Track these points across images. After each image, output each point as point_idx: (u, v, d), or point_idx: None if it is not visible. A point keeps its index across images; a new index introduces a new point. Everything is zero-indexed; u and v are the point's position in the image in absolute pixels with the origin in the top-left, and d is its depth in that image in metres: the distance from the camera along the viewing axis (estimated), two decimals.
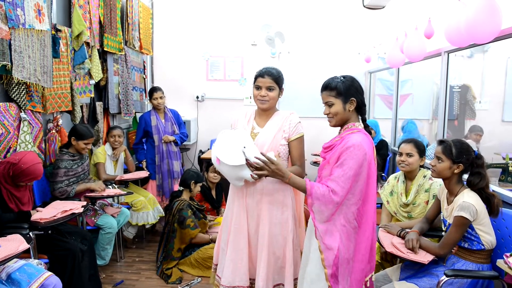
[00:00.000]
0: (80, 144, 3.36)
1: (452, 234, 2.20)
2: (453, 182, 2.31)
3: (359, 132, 1.98)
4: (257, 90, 2.34)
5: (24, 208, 2.65)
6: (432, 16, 3.39)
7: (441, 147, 2.31)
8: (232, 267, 2.35)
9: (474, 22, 2.31)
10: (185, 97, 6.17)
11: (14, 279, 2.16)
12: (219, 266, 2.49)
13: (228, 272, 2.35)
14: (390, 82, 5.92)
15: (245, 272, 2.35)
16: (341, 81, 2.00)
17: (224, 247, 2.43)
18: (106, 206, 3.68)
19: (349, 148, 1.90)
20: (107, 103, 4.44)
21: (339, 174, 1.90)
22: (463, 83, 5.67)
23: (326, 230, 1.94)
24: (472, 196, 2.20)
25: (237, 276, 2.34)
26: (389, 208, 2.91)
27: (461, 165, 2.26)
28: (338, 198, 1.90)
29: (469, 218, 2.14)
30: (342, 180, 1.89)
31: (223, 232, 2.48)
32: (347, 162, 1.89)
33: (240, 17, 6.01)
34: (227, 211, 2.47)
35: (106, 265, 3.58)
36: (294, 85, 6.09)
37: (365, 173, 1.93)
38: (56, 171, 3.25)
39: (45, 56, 3.13)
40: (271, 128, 2.35)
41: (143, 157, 4.61)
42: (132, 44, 5.01)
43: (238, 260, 2.35)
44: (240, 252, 2.35)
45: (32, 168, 2.55)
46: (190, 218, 3.55)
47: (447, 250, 2.25)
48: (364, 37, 5.86)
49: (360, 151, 1.89)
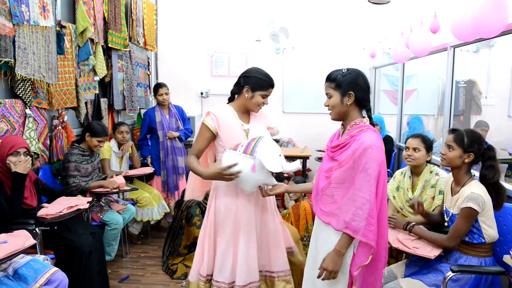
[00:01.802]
0: (93, 141, 3.37)
1: (460, 226, 2.17)
2: (462, 172, 2.27)
3: (369, 130, 1.90)
4: (263, 99, 2.36)
5: (28, 202, 2.66)
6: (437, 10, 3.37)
7: (453, 136, 2.28)
8: (247, 267, 2.33)
9: (481, 16, 2.29)
10: (189, 93, 6.17)
11: (20, 275, 2.17)
12: (221, 269, 2.36)
13: (242, 272, 2.32)
14: (395, 78, 5.89)
15: (257, 267, 2.38)
16: (342, 74, 1.93)
17: (227, 248, 2.36)
18: (112, 203, 3.69)
19: (367, 150, 1.81)
20: (112, 99, 4.44)
21: (365, 179, 1.81)
22: (468, 78, 5.63)
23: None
24: (480, 187, 2.18)
25: (251, 272, 2.35)
26: (395, 204, 2.89)
27: (471, 154, 2.22)
28: (369, 204, 1.81)
29: (477, 209, 2.11)
30: (369, 184, 1.80)
31: (226, 232, 2.37)
32: (370, 165, 1.80)
33: (244, 12, 6.00)
34: (225, 209, 2.37)
35: (112, 261, 3.60)
36: (298, 81, 6.09)
37: (383, 172, 1.86)
38: (67, 165, 3.25)
39: (50, 52, 3.13)
40: (259, 125, 2.43)
41: (147, 153, 4.62)
42: (136, 41, 5.01)
43: (253, 258, 2.36)
44: (251, 251, 2.35)
45: (8, 139, 2.62)
46: (197, 217, 3.55)
47: (456, 242, 2.22)
48: (369, 32, 5.84)
49: (378, 151, 1.82)
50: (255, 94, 2.34)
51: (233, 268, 2.35)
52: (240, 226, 2.34)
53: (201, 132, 2.36)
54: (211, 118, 2.33)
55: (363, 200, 1.80)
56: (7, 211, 2.44)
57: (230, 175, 2.15)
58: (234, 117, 2.38)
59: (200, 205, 3.64)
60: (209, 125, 2.33)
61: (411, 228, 2.45)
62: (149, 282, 3.38)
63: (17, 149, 2.58)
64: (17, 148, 2.58)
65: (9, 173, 2.56)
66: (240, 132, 2.36)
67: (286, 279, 2.46)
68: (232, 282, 2.34)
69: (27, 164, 2.61)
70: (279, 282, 2.45)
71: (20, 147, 2.60)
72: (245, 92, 2.35)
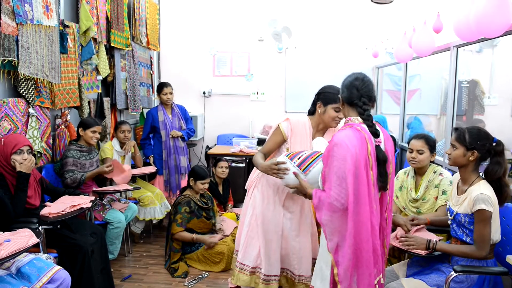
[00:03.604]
0: (87, 133, 3.39)
1: (482, 230, 2.10)
2: (468, 171, 2.23)
3: (350, 128, 1.88)
4: (336, 112, 2.41)
5: (31, 201, 2.67)
6: (441, 10, 3.36)
7: (455, 135, 2.25)
8: (273, 258, 2.63)
9: (484, 16, 2.28)
10: (192, 93, 6.17)
11: (24, 273, 2.17)
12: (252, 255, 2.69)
13: (267, 262, 2.63)
14: (398, 77, 5.87)
15: (279, 261, 2.68)
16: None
17: (260, 239, 2.66)
18: (114, 202, 3.70)
19: (333, 148, 1.83)
20: (115, 98, 4.45)
21: (332, 176, 1.82)
22: (471, 78, 5.61)
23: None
24: (488, 188, 2.14)
25: (274, 266, 2.66)
26: (398, 203, 2.89)
27: (475, 152, 2.17)
28: (337, 202, 1.80)
29: (490, 209, 2.07)
30: (333, 181, 1.80)
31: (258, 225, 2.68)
32: (334, 163, 1.81)
33: (246, 12, 6.00)
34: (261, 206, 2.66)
35: (114, 260, 3.61)
36: (301, 81, 6.08)
37: (355, 171, 1.80)
38: (65, 161, 3.27)
39: (53, 52, 3.14)
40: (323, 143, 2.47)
41: (150, 153, 4.62)
42: (139, 40, 5.01)
43: (273, 252, 2.64)
44: (274, 243, 2.64)
45: (10, 137, 2.63)
46: (180, 215, 3.58)
47: (486, 249, 2.12)
48: (371, 31, 5.82)
49: (343, 148, 1.79)
50: (327, 108, 2.43)
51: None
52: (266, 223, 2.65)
53: (274, 133, 2.51)
54: (287, 124, 2.48)
55: (331, 195, 1.82)
56: (11, 209, 2.45)
57: (278, 170, 2.24)
58: (307, 129, 2.50)
59: (190, 204, 3.64)
60: (283, 130, 2.48)
61: (434, 246, 2.28)
62: (152, 281, 3.38)
63: (20, 147, 2.59)
64: (21, 146, 2.59)
65: (13, 171, 2.57)
66: (308, 144, 2.47)
67: (306, 283, 2.66)
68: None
69: (31, 163, 2.62)
70: (299, 284, 2.68)
71: (23, 145, 2.61)
72: (318, 108, 2.47)
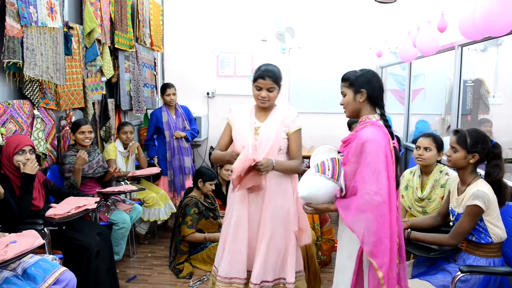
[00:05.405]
0: (77, 136, 3.34)
1: (465, 223, 2.15)
2: (467, 172, 2.26)
3: (372, 125, 1.93)
4: (258, 91, 2.38)
5: (35, 203, 2.68)
6: (445, 9, 3.34)
7: (456, 137, 2.26)
8: (230, 258, 2.39)
9: (489, 14, 2.26)
10: (195, 94, 6.18)
11: (29, 274, 2.18)
12: (216, 258, 2.53)
13: (225, 264, 2.39)
14: (402, 77, 5.86)
15: (243, 263, 2.38)
16: (356, 73, 2.02)
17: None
18: (118, 203, 3.70)
19: (364, 145, 1.85)
20: (119, 100, 4.46)
21: (370, 172, 1.82)
22: (476, 77, 5.59)
23: None
24: (485, 185, 2.16)
25: (234, 267, 2.38)
26: (403, 203, 2.88)
27: (476, 155, 2.20)
28: (379, 196, 1.80)
29: (482, 207, 2.09)
30: (374, 177, 1.81)
31: (225, 227, 2.52)
32: (371, 159, 1.82)
33: (250, 12, 5.99)
34: (228, 207, 2.50)
35: (119, 261, 3.61)
36: (305, 81, 6.07)
37: (385, 168, 1.84)
38: (62, 167, 3.27)
39: (58, 53, 3.15)
40: (273, 123, 2.40)
41: (154, 154, 4.63)
42: (143, 41, 5.02)
43: (236, 252, 2.38)
44: (239, 244, 2.38)
45: (12, 138, 2.64)
46: (190, 216, 3.57)
47: (458, 240, 2.20)
48: (375, 31, 5.80)
49: (376, 145, 1.84)
50: (252, 87, 2.42)
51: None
52: (231, 223, 2.41)
53: (225, 127, 2.51)
54: (230, 113, 2.50)
55: (367, 192, 1.81)
56: (16, 211, 2.46)
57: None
58: (246, 115, 2.45)
59: (198, 205, 3.63)
60: (228, 118, 2.50)
61: (409, 235, 2.37)
62: (156, 282, 3.38)
63: (22, 148, 2.60)
64: (22, 147, 2.60)
65: (18, 172, 2.58)
66: (248, 130, 2.39)
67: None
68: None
69: (35, 164, 2.62)
70: None
71: (25, 145, 2.62)
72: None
